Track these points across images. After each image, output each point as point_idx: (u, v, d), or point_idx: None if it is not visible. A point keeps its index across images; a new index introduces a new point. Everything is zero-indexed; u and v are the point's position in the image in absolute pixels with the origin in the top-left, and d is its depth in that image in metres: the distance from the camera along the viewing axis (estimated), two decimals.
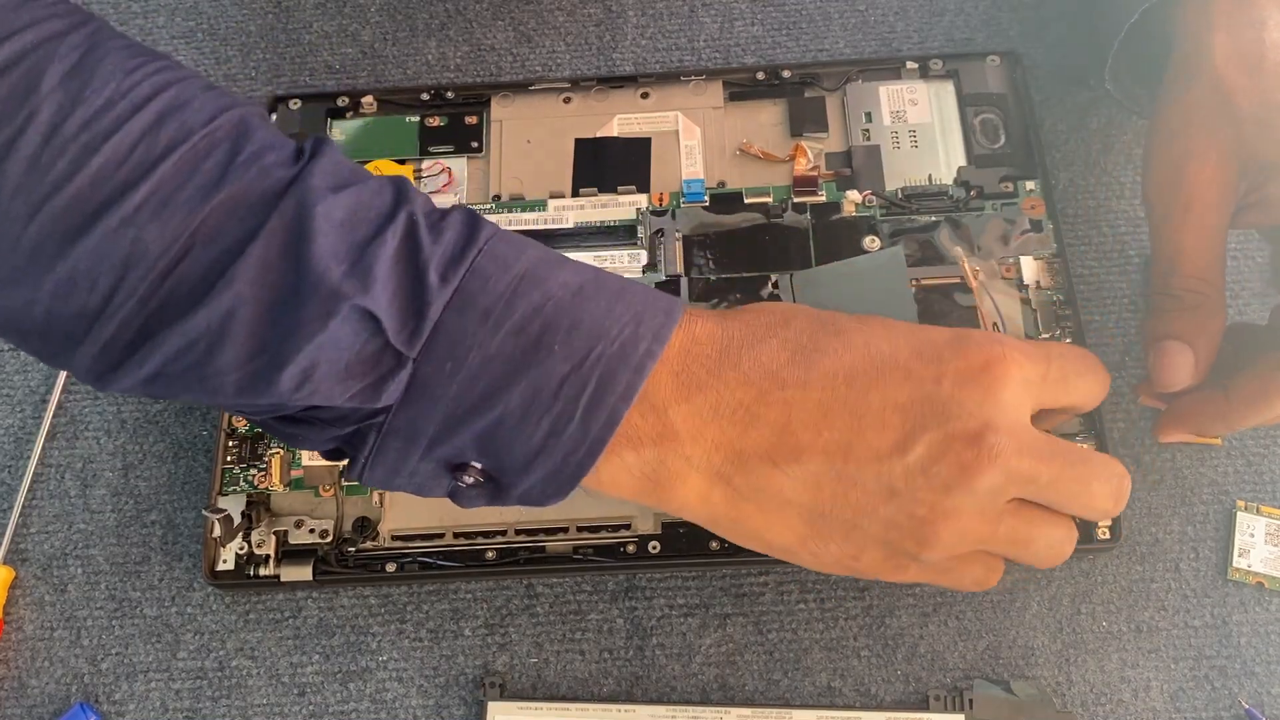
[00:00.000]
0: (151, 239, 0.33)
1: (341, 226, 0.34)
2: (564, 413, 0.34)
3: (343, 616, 0.48)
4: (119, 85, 0.34)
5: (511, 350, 0.34)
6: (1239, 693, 0.45)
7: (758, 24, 0.59)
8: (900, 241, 0.51)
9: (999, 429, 0.35)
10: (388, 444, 0.35)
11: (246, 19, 0.61)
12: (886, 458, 0.36)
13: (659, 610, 0.47)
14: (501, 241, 0.36)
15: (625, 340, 0.35)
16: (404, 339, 0.34)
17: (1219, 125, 0.42)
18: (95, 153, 0.33)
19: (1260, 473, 0.48)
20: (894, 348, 0.37)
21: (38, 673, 0.47)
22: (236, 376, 0.34)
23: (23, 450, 0.51)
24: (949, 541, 0.37)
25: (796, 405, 0.36)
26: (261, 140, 0.35)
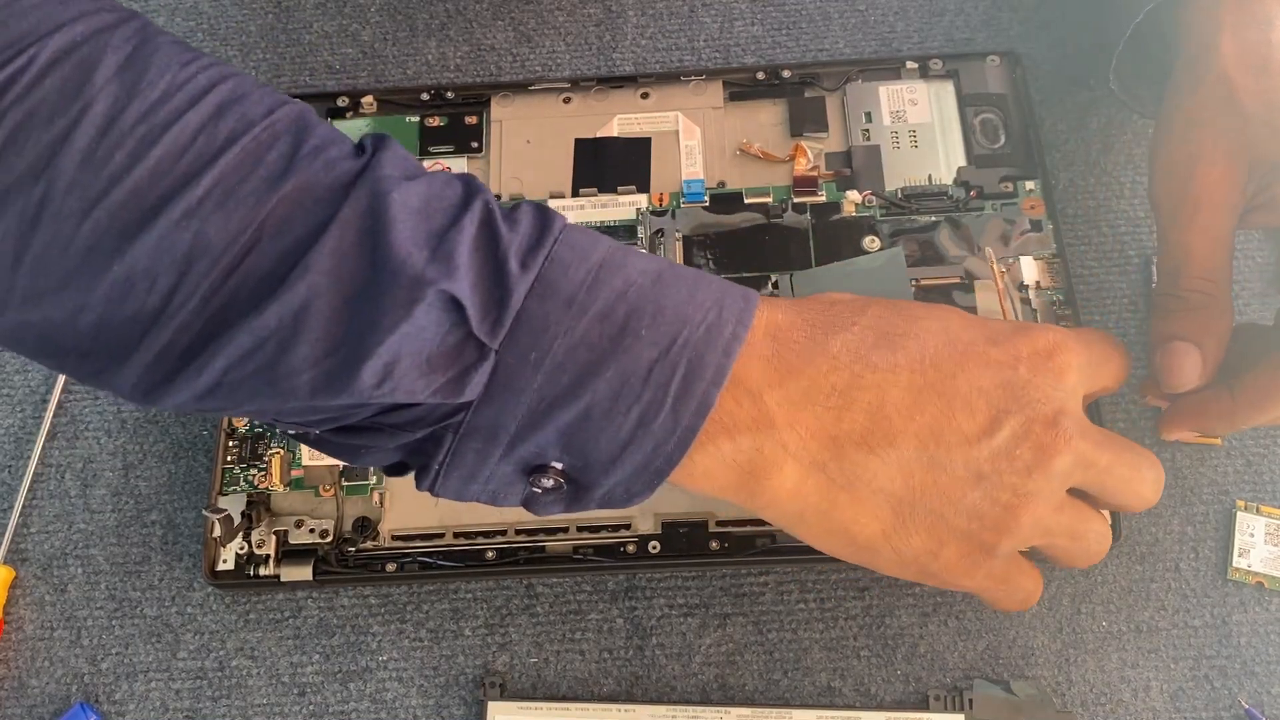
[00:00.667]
0: (215, 231, 0.31)
1: (418, 214, 0.33)
2: (654, 400, 0.33)
3: (343, 616, 0.48)
4: (174, 77, 0.33)
5: (598, 337, 0.33)
6: (1239, 693, 0.45)
7: (758, 24, 0.59)
8: (900, 241, 0.51)
9: (1069, 413, 0.36)
10: (466, 446, 0.34)
11: (246, 19, 0.61)
12: (975, 442, 0.36)
13: (659, 610, 0.47)
14: (575, 231, 0.35)
15: (710, 324, 0.34)
16: (487, 328, 0.32)
17: (1226, 126, 0.42)
18: (154, 144, 0.31)
19: (1260, 473, 0.48)
20: (970, 334, 0.37)
21: (38, 673, 0.47)
22: (312, 375, 0.32)
23: (23, 450, 0.51)
24: (1027, 528, 0.37)
25: (889, 388, 0.35)
26: (323, 134, 0.34)
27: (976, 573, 0.38)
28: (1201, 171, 0.42)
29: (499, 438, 0.34)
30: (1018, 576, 0.40)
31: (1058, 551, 0.39)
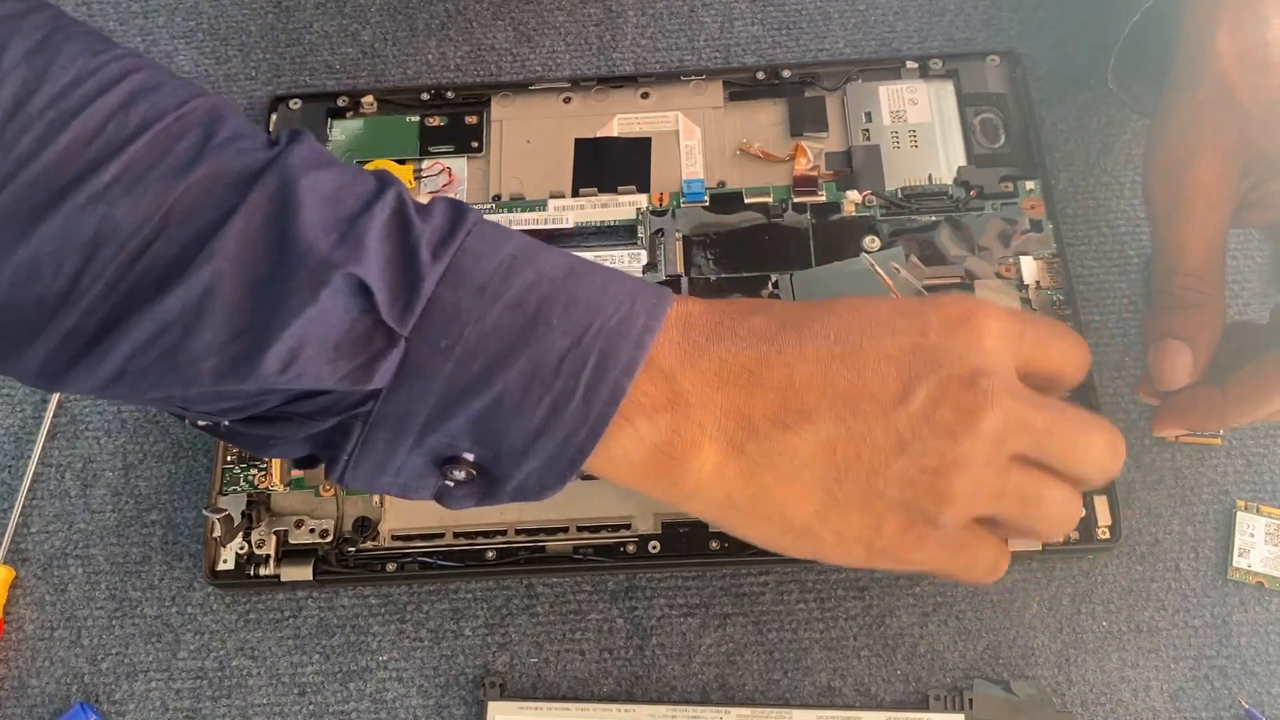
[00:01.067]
0: (122, 216, 0.31)
1: (328, 200, 0.32)
2: (566, 389, 0.33)
3: (343, 616, 0.48)
4: (86, 64, 0.32)
5: (509, 325, 0.33)
6: (1239, 693, 0.45)
7: (758, 24, 0.59)
8: (900, 241, 0.51)
9: (990, 372, 0.36)
10: (375, 435, 0.33)
11: (246, 19, 0.61)
12: (891, 408, 0.35)
13: (659, 610, 0.47)
14: (489, 225, 0.35)
15: (623, 316, 0.34)
16: (396, 314, 0.32)
17: (1223, 124, 0.42)
18: (63, 130, 0.31)
19: (1260, 473, 0.48)
20: (875, 310, 0.37)
21: (38, 672, 0.47)
22: (216, 361, 0.32)
23: (23, 450, 0.51)
24: (964, 494, 0.36)
25: (796, 365, 0.35)
26: (236, 126, 0.34)
27: (926, 545, 0.37)
28: (1197, 169, 0.42)
29: (409, 427, 0.33)
30: (975, 544, 0.39)
31: (1016, 520, 0.38)
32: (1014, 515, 0.38)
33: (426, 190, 0.54)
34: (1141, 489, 0.48)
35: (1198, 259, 0.42)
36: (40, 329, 0.32)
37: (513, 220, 0.53)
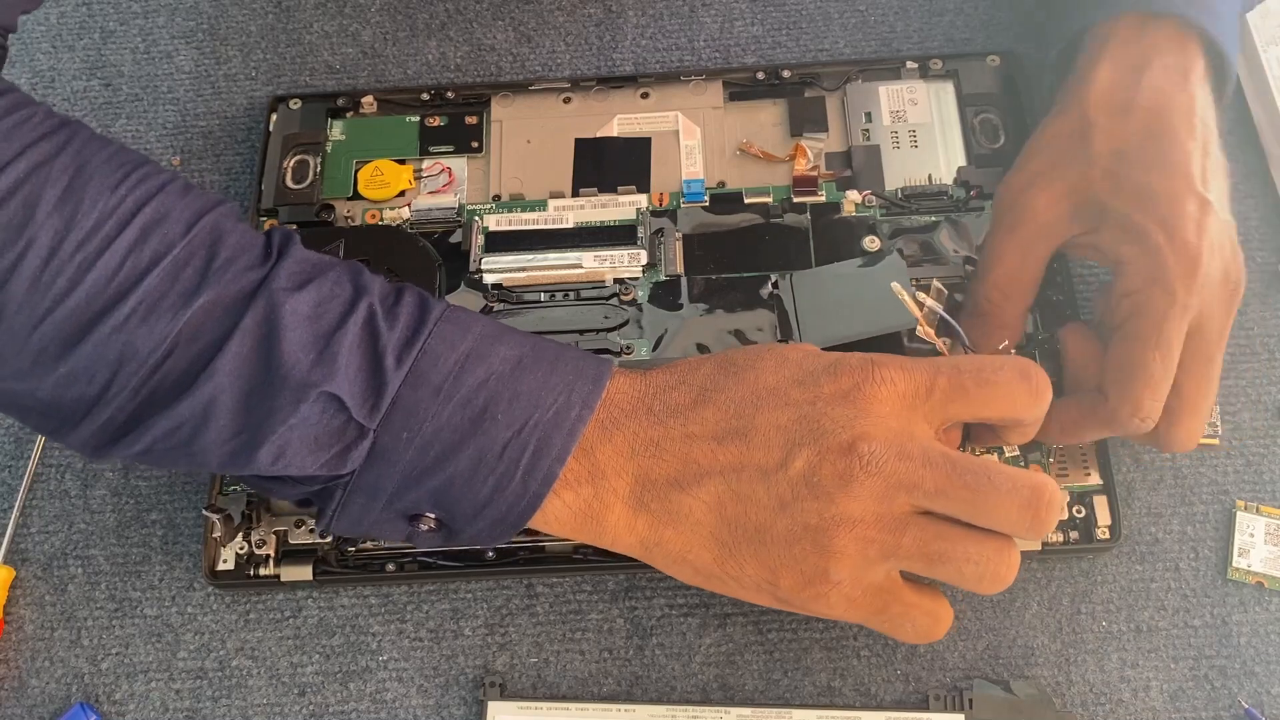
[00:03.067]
0: (140, 341, 0.37)
1: (308, 320, 0.38)
2: (507, 473, 0.39)
3: (343, 616, 0.48)
4: (106, 204, 0.38)
5: (460, 420, 0.39)
6: (1239, 693, 0.45)
7: (758, 24, 0.59)
8: (900, 241, 0.51)
9: (872, 438, 0.38)
10: (352, 500, 0.39)
11: (246, 19, 0.61)
12: (772, 473, 0.39)
13: (659, 610, 0.47)
14: (448, 322, 0.40)
15: (559, 408, 0.39)
16: (365, 413, 0.38)
17: (1070, 161, 0.44)
18: (89, 270, 0.37)
19: (1260, 473, 0.48)
20: (778, 379, 0.40)
21: (38, 672, 0.47)
22: (220, 453, 0.39)
23: (23, 450, 0.51)
24: (852, 552, 0.38)
25: (695, 437, 0.40)
26: (234, 245, 0.39)
27: (830, 600, 0.39)
28: (1032, 195, 0.44)
29: (379, 496, 0.39)
30: (897, 607, 0.40)
31: (925, 573, 0.39)
32: (919, 568, 0.39)
33: (427, 190, 0.54)
34: (1141, 489, 0.48)
35: (1006, 275, 0.45)
36: (81, 419, 0.39)
37: (513, 220, 0.53)
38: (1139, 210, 0.42)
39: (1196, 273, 0.41)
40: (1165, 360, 0.41)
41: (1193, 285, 0.41)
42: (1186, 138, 0.42)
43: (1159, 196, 0.42)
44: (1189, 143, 0.42)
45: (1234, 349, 0.51)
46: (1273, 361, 0.51)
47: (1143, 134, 0.43)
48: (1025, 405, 0.40)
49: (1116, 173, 0.42)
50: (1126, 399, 0.41)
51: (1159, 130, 0.43)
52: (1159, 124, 0.43)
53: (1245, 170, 0.54)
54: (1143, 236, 0.41)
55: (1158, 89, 0.43)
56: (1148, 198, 0.42)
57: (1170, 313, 0.41)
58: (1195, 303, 0.41)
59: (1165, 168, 0.42)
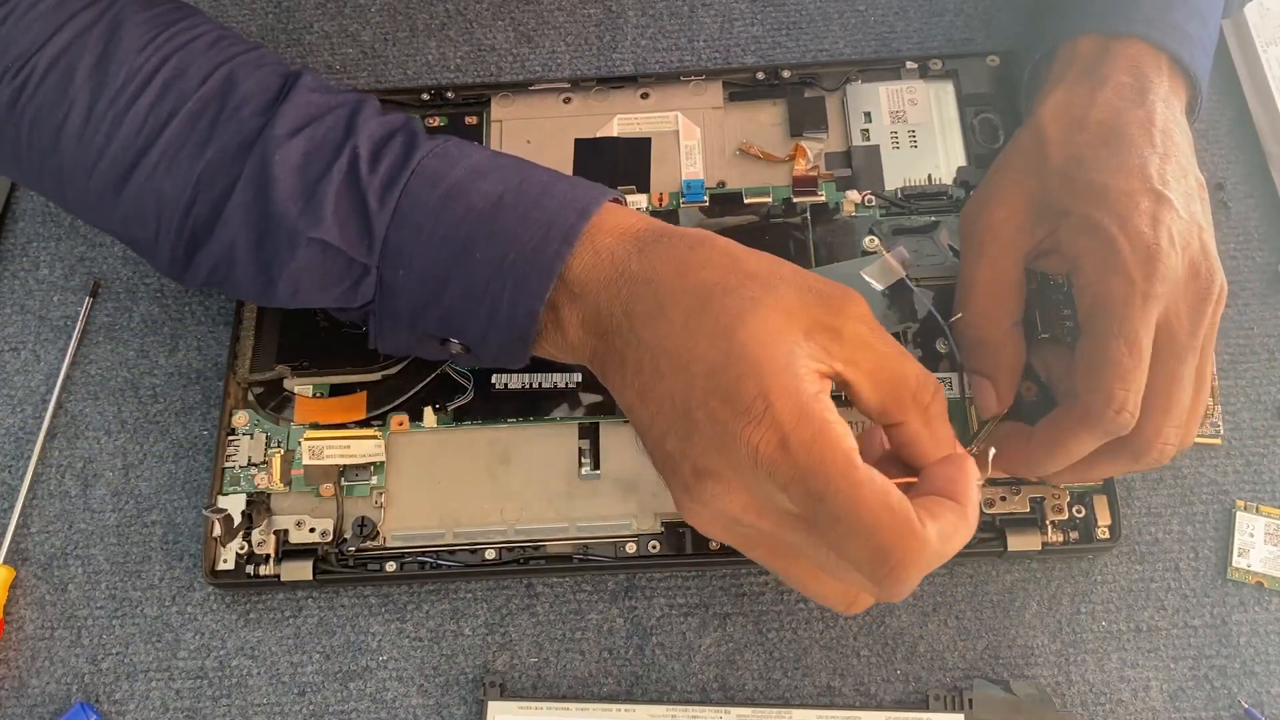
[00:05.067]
0: (168, 188, 0.43)
1: (296, 170, 0.42)
2: (494, 306, 0.41)
3: (343, 616, 0.48)
4: (132, 65, 0.44)
5: (444, 257, 0.41)
6: (1238, 692, 0.45)
7: (758, 24, 0.59)
8: (900, 242, 0.51)
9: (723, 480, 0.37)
10: (383, 324, 0.44)
11: (247, 19, 0.61)
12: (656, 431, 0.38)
13: (659, 610, 0.47)
14: (434, 157, 0.42)
15: (537, 244, 0.40)
16: (363, 254, 0.42)
17: (1027, 173, 0.44)
18: (120, 126, 0.43)
19: (1260, 473, 0.48)
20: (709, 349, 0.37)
21: (38, 672, 0.47)
22: (252, 287, 0.44)
23: (23, 450, 0.51)
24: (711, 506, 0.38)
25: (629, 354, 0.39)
26: (244, 92, 0.44)
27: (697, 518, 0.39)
28: (991, 209, 0.44)
29: (400, 320, 0.43)
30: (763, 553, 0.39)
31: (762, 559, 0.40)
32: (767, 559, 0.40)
33: None
34: (1141, 489, 0.48)
35: (986, 296, 0.44)
36: (153, 251, 0.45)
37: None
38: (1094, 206, 0.41)
39: (1154, 262, 0.40)
40: (1131, 348, 0.40)
41: (1152, 274, 0.40)
42: (1144, 144, 0.42)
43: (1112, 192, 0.41)
44: (1145, 149, 0.42)
45: (1234, 349, 0.51)
46: (1273, 361, 0.51)
47: (1097, 143, 0.43)
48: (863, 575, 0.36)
49: (1073, 177, 0.42)
50: (1098, 391, 0.40)
51: (1113, 139, 0.43)
52: (1113, 134, 0.43)
53: (1245, 170, 0.54)
54: (1096, 229, 0.41)
55: (1111, 105, 0.43)
56: (1101, 195, 0.41)
57: (1130, 299, 0.40)
58: (1159, 293, 0.40)
59: (1119, 168, 0.42)
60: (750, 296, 0.37)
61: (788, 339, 0.36)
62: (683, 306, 0.38)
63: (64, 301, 0.54)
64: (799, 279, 0.38)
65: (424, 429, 0.49)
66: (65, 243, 0.56)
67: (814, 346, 0.37)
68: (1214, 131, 0.55)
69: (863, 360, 0.38)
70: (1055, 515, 0.46)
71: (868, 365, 0.38)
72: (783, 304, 0.37)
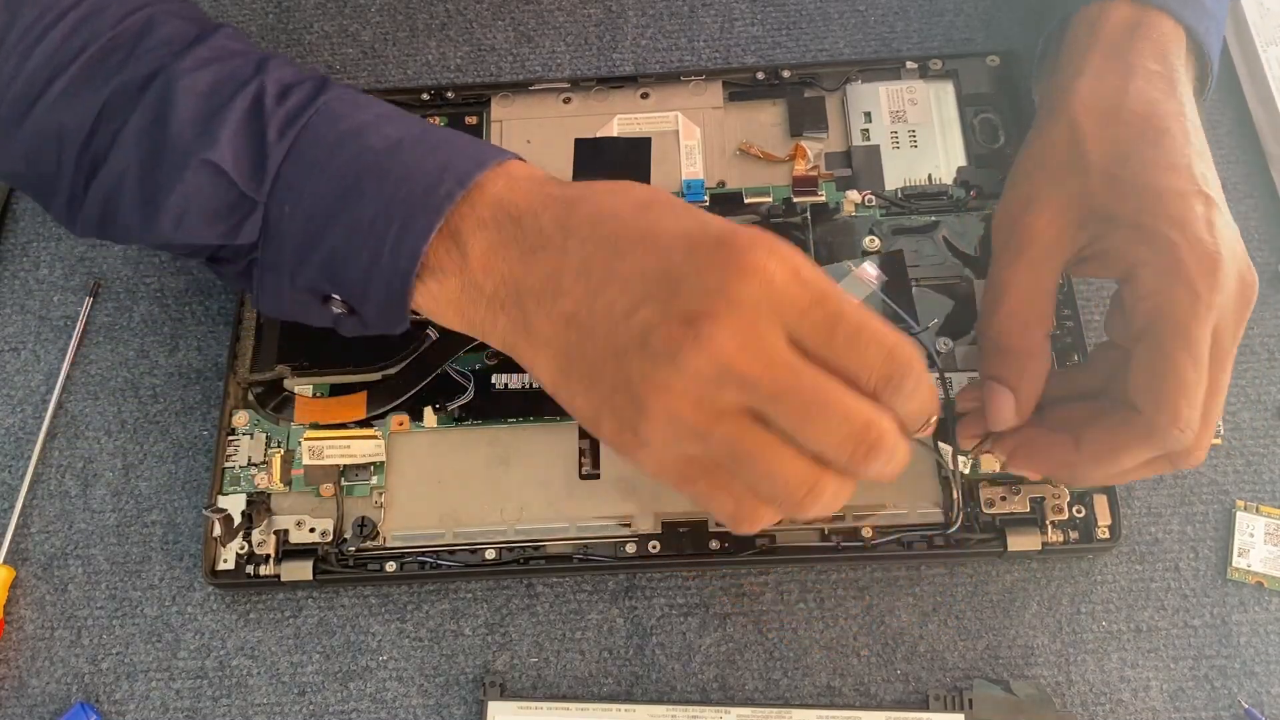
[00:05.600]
0: (68, 119, 0.43)
1: (201, 97, 0.42)
2: (377, 247, 0.39)
3: (343, 616, 0.48)
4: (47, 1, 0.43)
5: (331, 193, 0.40)
6: (1239, 692, 0.45)
7: (758, 24, 0.59)
8: (899, 242, 0.51)
9: (720, 319, 0.35)
10: (265, 276, 0.42)
11: (247, 19, 0.61)
12: (618, 318, 0.37)
13: (659, 610, 0.47)
14: (339, 101, 0.42)
15: (429, 185, 0.39)
16: (252, 187, 0.41)
17: (1067, 174, 0.42)
18: (28, 58, 0.43)
19: (1260, 473, 0.48)
20: (672, 228, 0.37)
21: (38, 672, 0.47)
22: (136, 219, 0.42)
23: (23, 450, 0.51)
24: (660, 419, 0.36)
25: (571, 255, 0.38)
26: (160, 36, 0.43)
27: (638, 457, 0.37)
28: (1034, 214, 0.42)
29: (282, 270, 0.42)
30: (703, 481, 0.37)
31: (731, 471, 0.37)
32: (725, 462, 0.37)
33: None
34: (1141, 489, 0.48)
35: (1020, 302, 0.42)
36: (53, 194, 0.44)
37: None
38: (1147, 211, 0.40)
39: (1217, 272, 0.39)
40: (1197, 363, 0.39)
41: (1214, 284, 0.39)
42: (1184, 141, 0.41)
43: (1166, 194, 0.40)
44: (1186, 146, 0.41)
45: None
46: (1273, 361, 0.51)
47: (1138, 138, 0.42)
48: (870, 380, 0.36)
49: (1118, 176, 0.41)
50: (1163, 407, 0.39)
51: (1154, 134, 0.41)
52: (1153, 127, 0.42)
53: (1245, 170, 0.54)
54: (1154, 236, 0.40)
55: (1146, 96, 0.42)
56: (1154, 197, 0.40)
57: (1196, 311, 0.39)
58: (1219, 303, 0.39)
59: (1167, 167, 0.40)
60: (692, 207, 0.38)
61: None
62: (631, 204, 0.38)
63: (64, 301, 0.54)
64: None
65: (424, 429, 0.49)
66: (65, 243, 0.56)
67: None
68: (1214, 131, 0.55)
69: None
70: (1055, 515, 0.46)
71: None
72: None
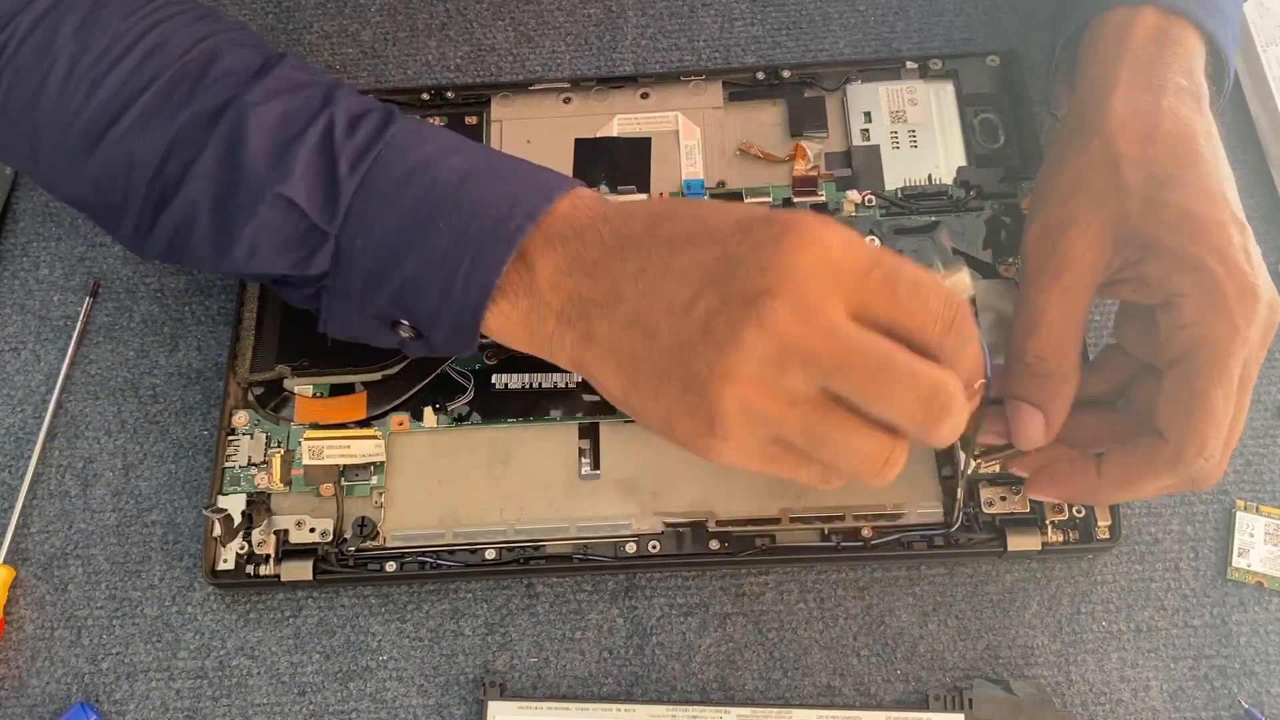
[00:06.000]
0: (139, 150, 0.43)
1: (273, 129, 0.42)
2: (449, 278, 0.40)
3: (343, 616, 0.48)
4: (116, 30, 0.44)
5: (405, 225, 0.41)
6: (1238, 692, 0.45)
7: (758, 24, 0.59)
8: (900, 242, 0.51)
9: (780, 295, 0.35)
10: (334, 302, 0.43)
11: (247, 19, 0.61)
12: (679, 312, 0.37)
13: (659, 610, 0.47)
14: (406, 134, 0.43)
15: (500, 218, 0.40)
16: (325, 219, 0.42)
17: (1104, 195, 0.42)
18: (99, 87, 0.44)
19: (1260, 473, 0.48)
20: (723, 218, 0.38)
21: (38, 672, 0.47)
22: (208, 249, 0.44)
23: (23, 450, 0.51)
24: (733, 409, 0.36)
25: (629, 261, 0.39)
26: (226, 66, 0.44)
27: (719, 453, 0.37)
28: (1071, 236, 0.42)
29: (352, 297, 0.43)
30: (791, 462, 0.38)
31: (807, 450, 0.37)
32: (801, 444, 0.37)
33: None
34: None
35: (1056, 325, 0.42)
36: (119, 220, 0.45)
37: None
38: (1189, 239, 0.40)
39: (1256, 305, 0.39)
40: (1228, 396, 0.39)
41: (1253, 317, 0.39)
42: (1215, 164, 0.41)
43: (1206, 224, 0.40)
44: (1219, 169, 0.41)
45: None
46: (1273, 362, 0.51)
47: (1174, 161, 0.41)
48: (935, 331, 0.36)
49: (1156, 200, 0.40)
50: (1191, 439, 0.39)
51: (1190, 157, 0.41)
52: (1187, 150, 0.41)
53: (1245, 170, 0.54)
54: (1198, 267, 0.39)
55: (1178, 115, 0.42)
56: (1195, 226, 0.40)
57: (1233, 346, 0.39)
58: (1254, 335, 0.39)
59: (1205, 195, 0.40)
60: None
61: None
62: (682, 207, 0.40)
63: (64, 301, 0.54)
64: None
65: (424, 429, 0.49)
66: (65, 243, 0.56)
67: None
68: None
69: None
70: (1055, 515, 0.46)
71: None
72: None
